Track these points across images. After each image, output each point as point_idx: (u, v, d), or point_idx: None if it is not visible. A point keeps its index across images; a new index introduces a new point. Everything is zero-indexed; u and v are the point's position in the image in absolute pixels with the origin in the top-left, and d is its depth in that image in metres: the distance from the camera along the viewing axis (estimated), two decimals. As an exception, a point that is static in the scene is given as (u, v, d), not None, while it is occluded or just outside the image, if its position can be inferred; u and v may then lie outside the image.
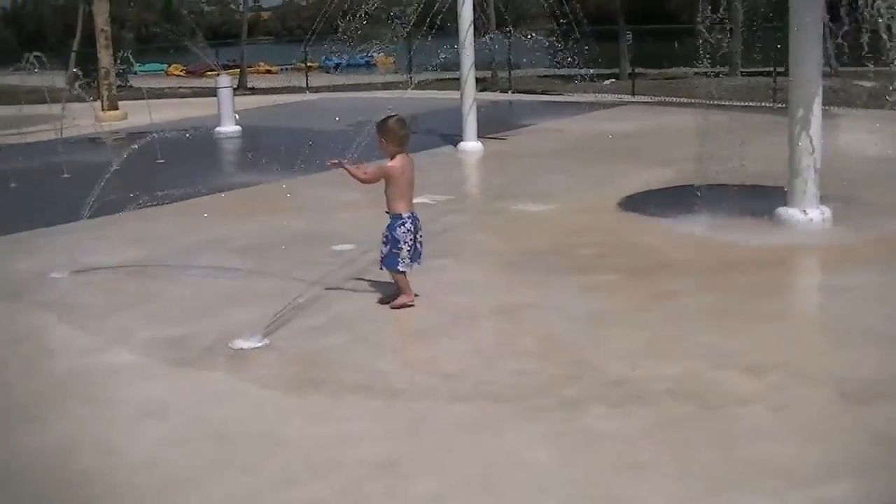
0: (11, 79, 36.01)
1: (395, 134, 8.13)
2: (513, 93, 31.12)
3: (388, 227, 8.10)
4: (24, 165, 17.41)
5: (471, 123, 17.61)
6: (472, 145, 17.56)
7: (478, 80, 19.02)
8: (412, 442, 5.63)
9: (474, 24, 17.52)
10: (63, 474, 5.44)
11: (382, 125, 8.17)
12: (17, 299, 9.08)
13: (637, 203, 12.15)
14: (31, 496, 5.25)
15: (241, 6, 63.04)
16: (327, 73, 49.74)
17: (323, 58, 54.36)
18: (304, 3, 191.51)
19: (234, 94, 23.30)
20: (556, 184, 13.93)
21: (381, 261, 8.16)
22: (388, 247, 8.06)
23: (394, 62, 58.49)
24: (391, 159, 8.09)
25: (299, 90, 37.06)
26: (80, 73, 27.93)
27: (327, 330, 7.64)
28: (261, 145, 19.99)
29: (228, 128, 21.59)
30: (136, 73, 51.82)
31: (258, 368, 6.92)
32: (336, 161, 8.26)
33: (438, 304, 8.32)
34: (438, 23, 17.84)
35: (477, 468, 5.24)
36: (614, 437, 5.54)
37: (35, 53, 21.80)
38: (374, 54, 63.55)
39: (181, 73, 68.92)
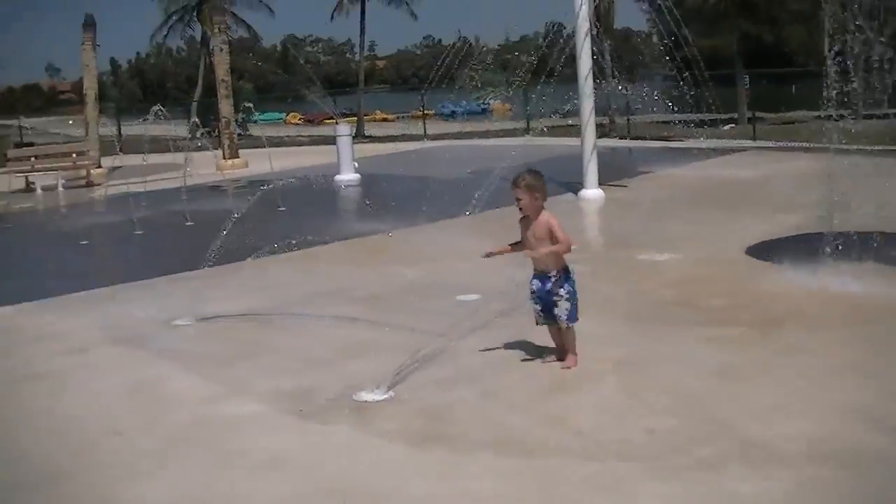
0: (137, 129, 36.98)
1: (544, 189, 7.79)
2: (631, 139, 30.81)
3: (567, 281, 7.76)
4: (149, 213, 17.71)
5: (592, 170, 17.41)
6: (593, 192, 17.36)
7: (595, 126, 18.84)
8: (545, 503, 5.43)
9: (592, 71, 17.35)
10: (188, 529, 5.36)
11: (534, 181, 7.73)
12: (140, 346, 9.14)
13: (764, 251, 11.80)
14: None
15: (356, 55, 63.76)
16: (444, 120, 50.01)
17: (439, 105, 54.76)
18: (418, 52, 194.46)
19: (353, 142, 23.42)
20: (680, 232, 13.64)
21: (567, 319, 7.73)
22: (571, 303, 7.74)
23: (510, 109, 58.65)
24: (539, 214, 7.75)
25: (417, 138, 37.27)
26: (199, 122, 28.42)
27: (454, 383, 7.48)
28: (381, 193, 20.01)
29: (348, 175, 21.71)
30: (255, 122, 52.65)
31: (383, 422, 6.79)
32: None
33: (565, 357, 8.16)
34: (556, 70, 17.73)
35: (613, 532, 5.04)
36: (755, 500, 5.29)
37: (159, 106, 22.17)
38: (490, 101, 64.01)
39: (299, 122, 70.12)
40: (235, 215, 17.39)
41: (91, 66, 30.42)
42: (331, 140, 24.28)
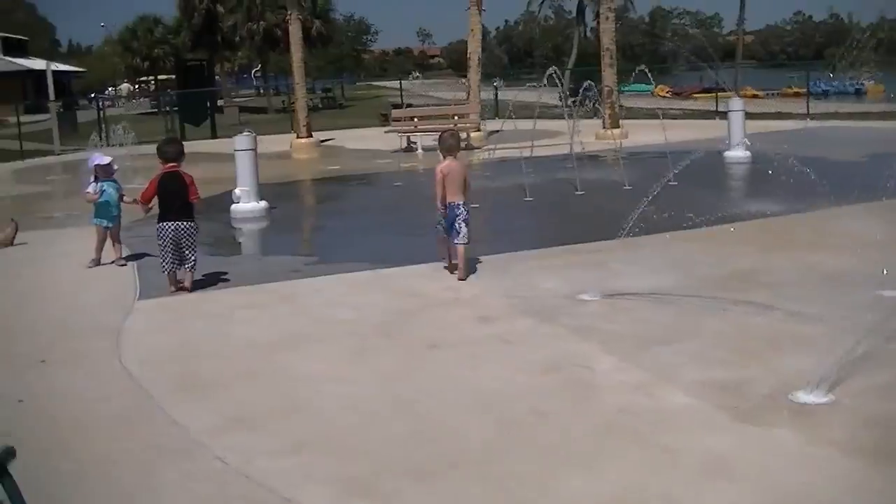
0: (509, 94, 37.22)
1: (443, 143, 11.36)
2: None
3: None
4: (535, 179, 17.45)
5: None
6: None
7: None
8: None
9: None
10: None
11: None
12: (549, 320, 8.79)
13: None
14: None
15: (723, 29, 62.11)
16: (816, 99, 48.00)
17: (811, 83, 52.76)
18: (787, 28, 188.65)
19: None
20: None
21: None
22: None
23: (884, 90, 55.78)
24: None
25: (795, 116, 35.64)
26: (573, 90, 28.29)
27: (898, 391, 6.70)
28: (776, 172, 18.89)
29: (739, 152, 20.59)
30: (622, 93, 52.19)
31: (829, 430, 6.08)
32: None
33: None
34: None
35: None
36: None
37: (554, 69, 21.88)
38: (864, 82, 61.06)
39: (667, 94, 68.95)
40: (626, 187, 17.06)
41: (476, 29, 30.74)
42: (704, 115, 23.25)
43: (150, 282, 11.34)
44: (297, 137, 31.45)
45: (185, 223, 10.55)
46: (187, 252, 10.60)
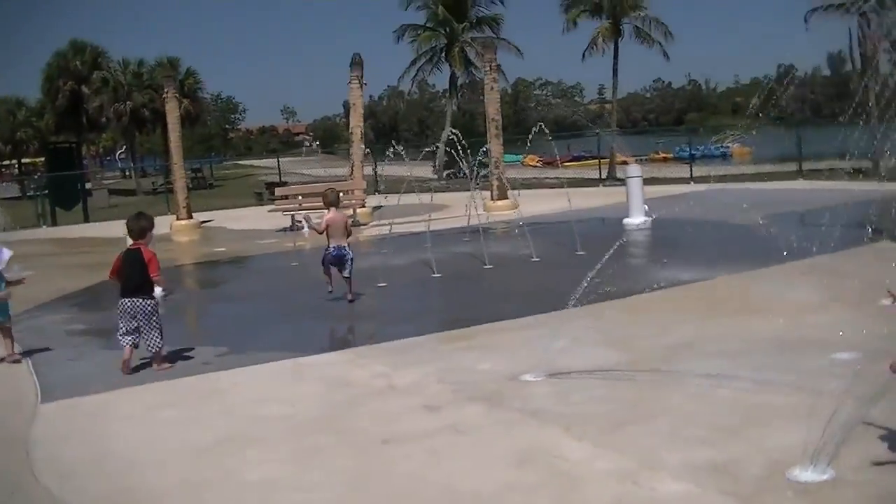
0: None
1: (326, 198, 14.40)
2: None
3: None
4: (437, 254, 16.87)
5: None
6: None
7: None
8: None
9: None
10: None
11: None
12: (499, 405, 8.21)
13: None
14: None
15: (584, 98, 63.06)
16: (686, 163, 49.02)
17: (677, 148, 53.95)
18: (647, 95, 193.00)
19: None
20: None
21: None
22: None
23: (750, 152, 57.09)
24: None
25: (678, 181, 35.99)
26: (447, 163, 28.11)
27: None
28: (680, 238, 18.58)
29: (638, 219, 20.33)
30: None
31: (843, 511, 5.64)
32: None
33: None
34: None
35: None
36: None
37: (452, 133, 21.52)
38: (730, 145, 62.44)
39: (537, 164, 69.46)
40: (534, 259, 16.64)
41: (358, 104, 30.34)
42: (583, 182, 23.04)
43: (49, 380, 10.54)
44: (177, 219, 30.58)
45: (141, 300, 10.55)
46: (144, 330, 10.52)
